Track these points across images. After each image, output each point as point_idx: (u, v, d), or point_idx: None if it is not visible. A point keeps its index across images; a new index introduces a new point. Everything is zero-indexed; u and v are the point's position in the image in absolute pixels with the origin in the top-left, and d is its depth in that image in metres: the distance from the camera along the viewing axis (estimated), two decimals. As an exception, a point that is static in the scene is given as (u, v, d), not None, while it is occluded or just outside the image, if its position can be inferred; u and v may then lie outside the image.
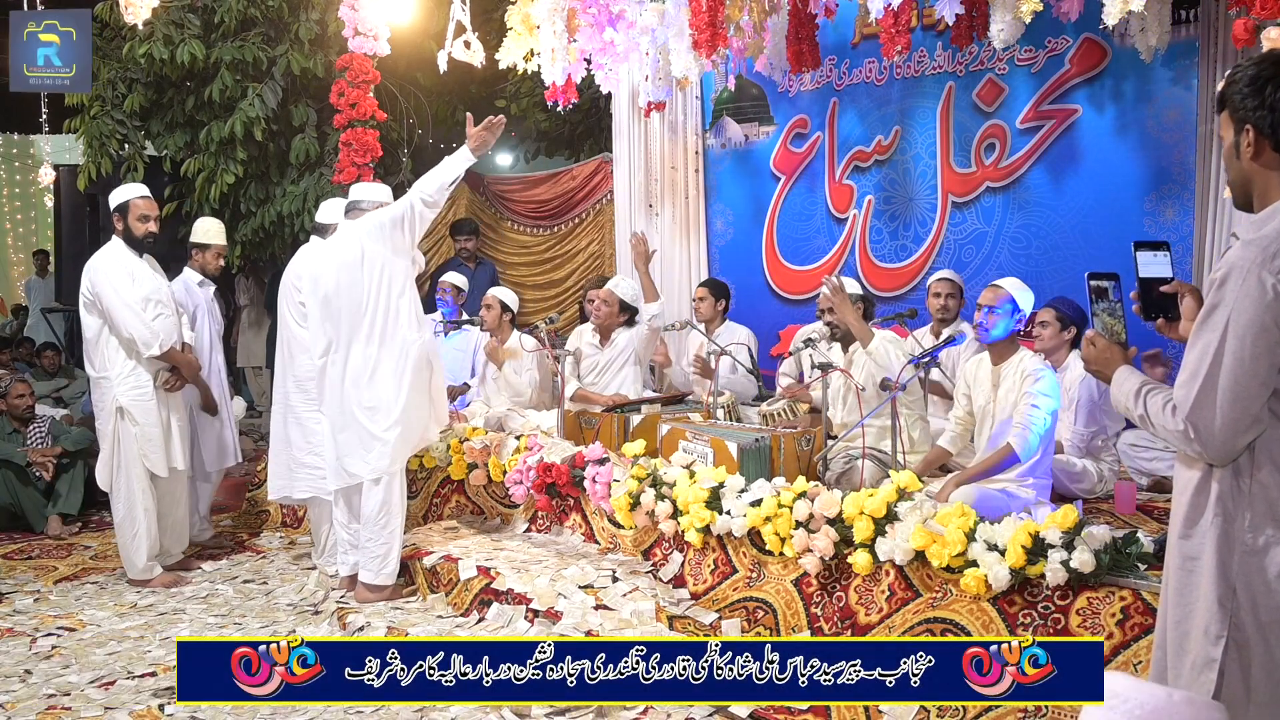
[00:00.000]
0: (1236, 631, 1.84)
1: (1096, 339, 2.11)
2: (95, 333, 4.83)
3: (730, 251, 7.25)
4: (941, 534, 3.26)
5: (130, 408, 4.81)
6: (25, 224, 13.33)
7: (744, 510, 3.87)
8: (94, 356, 4.86)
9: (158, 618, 4.49)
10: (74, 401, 8.21)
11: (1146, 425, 1.96)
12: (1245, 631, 1.84)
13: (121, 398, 4.80)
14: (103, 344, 4.83)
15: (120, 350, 4.81)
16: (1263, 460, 1.83)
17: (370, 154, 6.32)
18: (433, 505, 5.33)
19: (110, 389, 4.82)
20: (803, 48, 5.42)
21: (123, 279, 4.78)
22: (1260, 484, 1.84)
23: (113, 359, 4.82)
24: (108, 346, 4.82)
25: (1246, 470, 1.85)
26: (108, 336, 4.82)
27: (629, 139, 7.41)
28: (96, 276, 4.79)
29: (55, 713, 3.47)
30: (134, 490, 4.85)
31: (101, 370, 4.83)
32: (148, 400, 4.84)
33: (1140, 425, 1.99)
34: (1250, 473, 1.84)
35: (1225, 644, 1.85)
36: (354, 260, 4.36)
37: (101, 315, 4.80)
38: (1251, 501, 1.84)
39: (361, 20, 6.20)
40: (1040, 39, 5.63)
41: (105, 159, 7.40)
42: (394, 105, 7.67)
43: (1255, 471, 1.84)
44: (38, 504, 6.02)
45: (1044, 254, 5.80)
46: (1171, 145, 5.34)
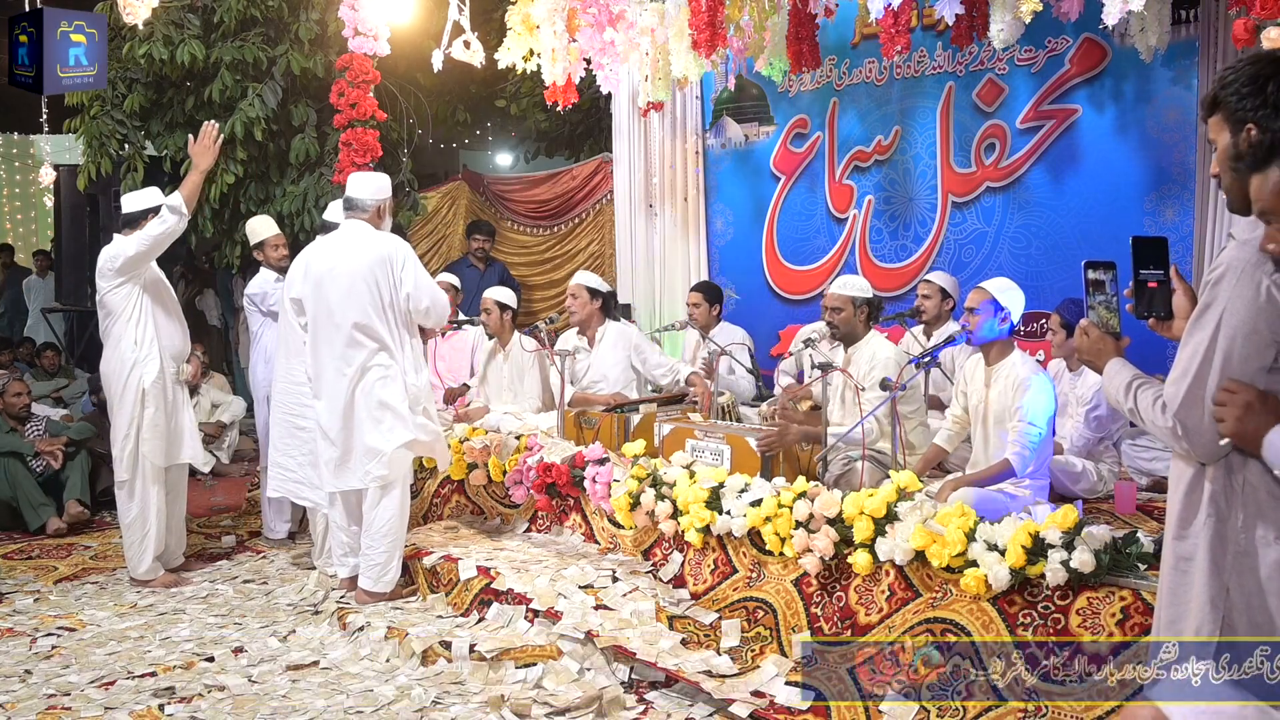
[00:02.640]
0: (1229, 632, 1.84)
1: (1090, 329, 2.12)
2: (118, 317, 4.81)
3: (730, 251, 7.25)
4: (941, 534, 3.26)
5: (151, 390, 4.81)
6: (25, 224, 13.32)
7: (744, 510, 3.87)
8: (120, 340, 4.81)
9: (158, 618, 4.49)
10: (73, 401, 8.22)
11: (1136, 418, 1.98)
12: (1237, 632, 1.84)
13: (146, 380, 4.80)
14: (131, 328, 4.81)
15: (145, 333, 4.81)
16: (1253, 459, 1.83)
17: (370, 154, 6.32)
18: (433, 505, 5.33)
19: (137, 370, 4.80)
20: (803, 48, 5.42)
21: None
22: (1250, 484, 1.84)
23: (139, 340, 4.81)
24: (136, 329, 4.81)
25: (1239, 469, 1.85)
26: (133, 319, 4.80)
27: (629, 139, 7.41)
28: (114, 248, 4.82)
29: (55, 713, 3.47)
30: (150, 491, 4.84)
31: (127, 352, 4.80)
32: (161, 387, 4.85)
33: (1130, 418, 2.00)
34: (1242, 472, 1.85)
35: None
36: (353, 259, 4.34)
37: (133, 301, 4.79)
38: (1244, 501, 1.84)
39: (361, 20, 6.20)
40: (1040, 39, 5.63)
41: (105, 159, 7.40)
42: (394, 105, 7.67)
43: (1246, 471, 1.84)
44: (36, 499, 5.97)
45: (1044, 254, 5.80)
46: (1171, 145, 5.34)
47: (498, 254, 8.38)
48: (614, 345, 5.60)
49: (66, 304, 9.92)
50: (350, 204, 4.50)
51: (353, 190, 4.51)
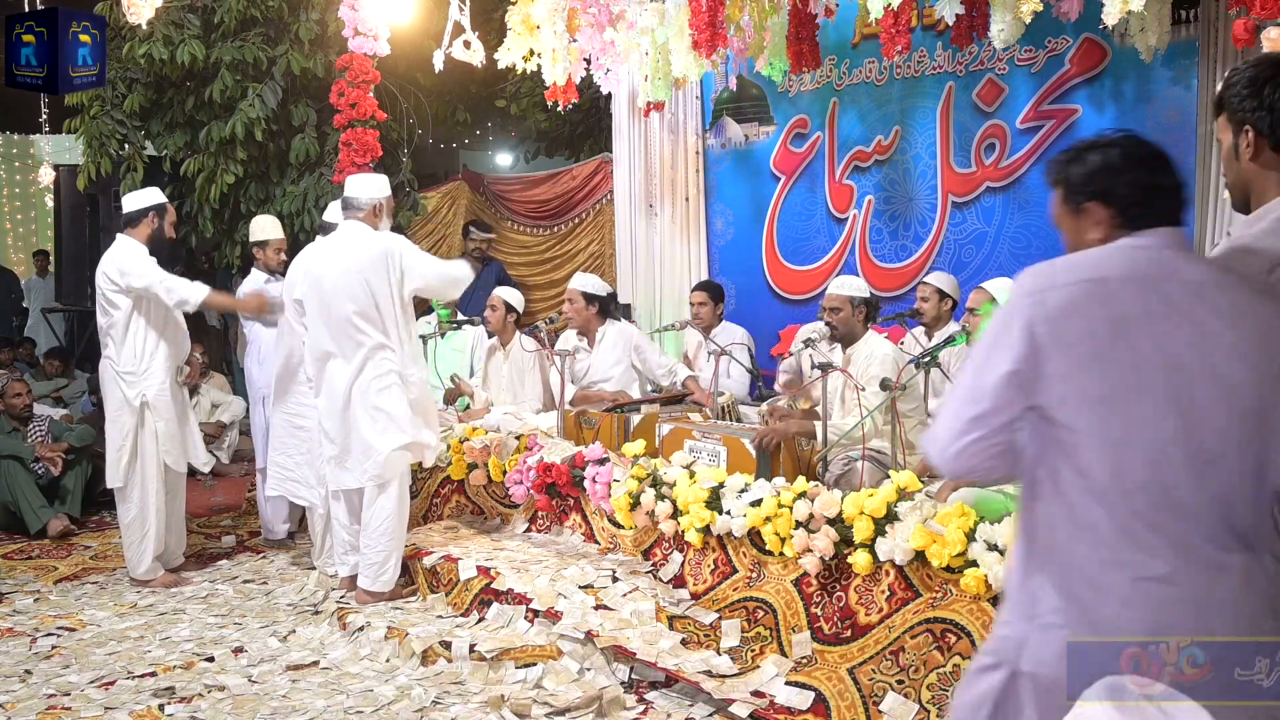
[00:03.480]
0: None
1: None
2: (120, 328, 4.80)
3: (730, 251, 7.25)
4: (941, 534, 3.26)
5: (155, 403, 4.82)
6: (25, 224, 13.32)
7: (744, 510, 3.87)
8: (119, 351, 4.82)
9: (158, 618, 4.49)
10: (74, 401, 8.22)
11: None
12: None
13: (148, 392, 4.80)
14: (130, 339, 4.80)
15: (147, 344, 4.81)
16: None
17: (370, 154, 6.32)
18: (433, 505, 5.33)
19: (136, 383, 4.80)
20: (803, 48, 5.42)
21: (149, 260, 4.80)
22: None
23: (139, 353, 4.81)
24: (135, 340, 4.80)
25: None
26: (134, 330, 4.80)
27: (629, 139, 7.41)
28: (123, 263, 4.78)
29: (55, 713, 3.47)
30: (149, 490, 4.84)
31: (126, 365, 4.80)
32: (169, 395, 4.86)
33: None
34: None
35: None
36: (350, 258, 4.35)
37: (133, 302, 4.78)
38: None
39: (361, 20, 6.20)
40: (1040, 39, 5.63)
41: (105, 159, 7.40)
42: (394, 105, 7.67)
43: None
44: (36, 502, 5.97)
45: (1044, 254, 5.75)
46: (1171, 145, 5.23)
47: (498, 254, 8.38)
48: (614, 345, 5.60)
49: (66, 304, 9.92)
50: (347, 204, 4.53)
51: (349, 190, 4.55)
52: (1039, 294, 1.65)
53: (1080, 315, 1.62)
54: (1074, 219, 1.79)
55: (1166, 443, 1.60)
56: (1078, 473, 1.62)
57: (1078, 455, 1.62)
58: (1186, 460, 1.60)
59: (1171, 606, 1.58)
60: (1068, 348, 1.62)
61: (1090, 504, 1.61)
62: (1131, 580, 1.59)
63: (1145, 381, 1.61)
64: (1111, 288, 1.64)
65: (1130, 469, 1.60)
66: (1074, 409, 1.62)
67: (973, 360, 1.71)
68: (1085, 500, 1.62)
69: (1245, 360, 1.61)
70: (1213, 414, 1.60)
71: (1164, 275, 1.66)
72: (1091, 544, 1.61)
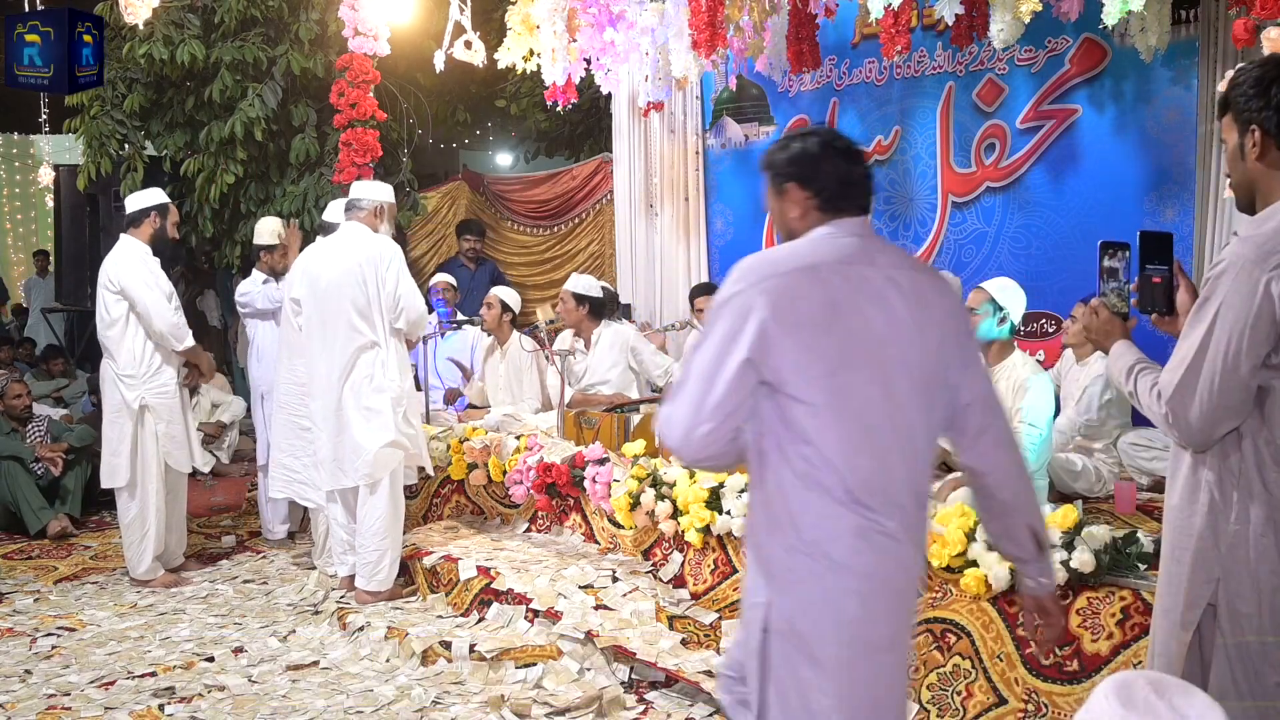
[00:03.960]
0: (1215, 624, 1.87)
1: (1100, 309, 2.14)
2: (120, 331, 4.80)
3: (730, 251, 7.24)
4: (941, 534, 3.26)
5: (156, 405, 4.82)
6: (25, 224, 13.32)
7: (744, 510, 3.87)
8: (118, 354, 4.82)
9: (158, 618, 4.49)
10: (74, 401, 8.21)
11: (1136, 402, 2.01)
12: (1222, 626, 1.87)
13: (148, 395, 4.80)
14: (129, 342, 4.80)
15: (147, 348, 4.81)
16: (1248, 451, 1.86)
17: (370, 154, 6.32)
18: (433, 505, 5.33)
19: (136, 387, 4.80)
20: (803, 48, 5.41)
21: (151, 275, 4.80)
22: (1245, 473, 1.86)
23: (139, 356, 4.81)
24: (134, 343, 4.80)
25: (1233, 454, 1.87)
26: (134, 334, 4.80)
27: (629, 139, 7.41)
28: (124, 272, 4.78)
29: (55, 713, 3.47)
30: (149, 491, 4.84)
31: (126, 369, 4.80)
32: (172, 398, 4.86)
33: (1131, 401, 2.04)
34: (1238, 465, 1.86)
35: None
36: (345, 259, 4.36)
37: (130, 311, 4.77)
38: (1238, 491, 1.86)
39: (361, 20, 6.20)
40: (1040, 39, 5.63)
41: (105, 159, 7.39)
42: (394, 105, 7.66)
43: (1242, 463, 1.86)
44: (36, 502, 5.97)
45: (1044, 254, 5.79)
46: (1171, 145, 5.34)
47: (498, 254, 8.38)
48: (610, 347, 5.61)
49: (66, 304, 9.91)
50: (350, 205, 4.61)
51: (354, 192, 4.64)
52: (763, 282, 1.78)
53: (802, 299, 1.77)
54: (777, 200, 1.97)
55: (878, 414, 1.78)
56: (805, 441, 1.76)
57: (806, 427, 1.76)
58: (893, 429, 1.79)
59: (893, 559, 1.79)
60: (794, 329, 1.75)
61: (822, 469, 1.76)
62: (863, 527, 1.76)
63: (858, 358, 1.78)
64: (823, 274, 1.80)
65: (853, 437, 1.76)
66: (804, 385, 1.76)
67: (707, 348, 1.80)
68: (817, 466, 1.76)
69: (924, 335, 1.81)
70: (902, 385, 1.80)
71: (862, 261, 1.83)
72: (822, 498, 1.77)
